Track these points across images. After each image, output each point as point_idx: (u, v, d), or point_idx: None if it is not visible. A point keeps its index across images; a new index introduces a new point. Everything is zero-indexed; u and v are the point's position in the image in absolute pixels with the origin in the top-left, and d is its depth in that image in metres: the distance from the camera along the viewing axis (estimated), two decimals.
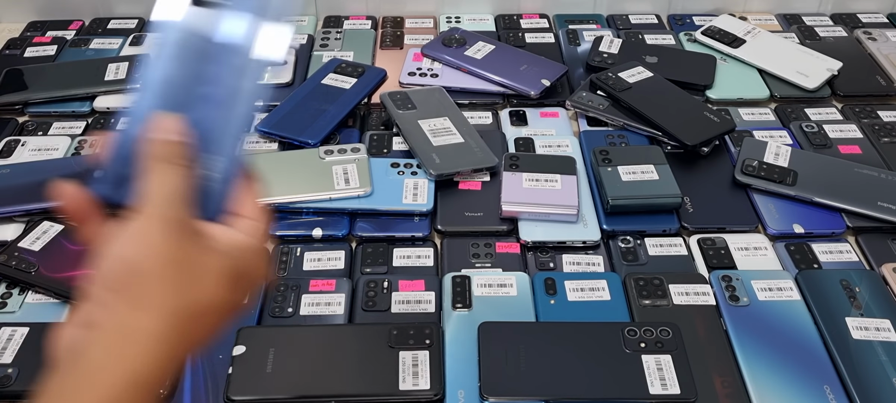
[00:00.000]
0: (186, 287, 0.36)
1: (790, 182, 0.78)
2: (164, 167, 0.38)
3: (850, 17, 1.13)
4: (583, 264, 0.72)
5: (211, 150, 0.41)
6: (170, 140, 0.39)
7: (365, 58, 1.03)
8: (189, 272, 0.37)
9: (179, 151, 0.39)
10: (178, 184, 0.38)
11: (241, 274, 0.39)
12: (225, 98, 0.41)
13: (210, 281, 0.37)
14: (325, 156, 0.80)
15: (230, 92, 0.41)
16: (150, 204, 0.37)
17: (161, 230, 0.36)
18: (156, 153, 0.38)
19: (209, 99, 0.41)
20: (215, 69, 0.41)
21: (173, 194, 0.38)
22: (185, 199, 0.38)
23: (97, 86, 0.95)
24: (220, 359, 0.62)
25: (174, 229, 0.37)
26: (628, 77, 0.92)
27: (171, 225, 0.37)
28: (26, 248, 0.71)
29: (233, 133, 0.41)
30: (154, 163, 0.38)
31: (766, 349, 0.63)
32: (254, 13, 0.42)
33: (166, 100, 0.41)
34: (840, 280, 0.69)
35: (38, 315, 0.67)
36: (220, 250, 0.38)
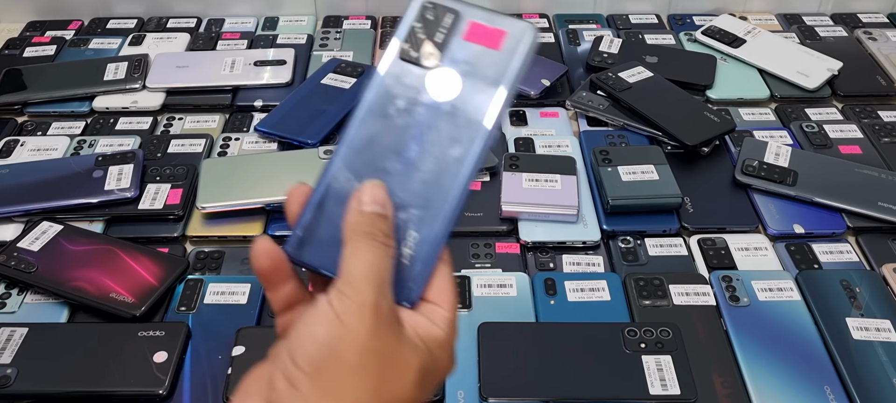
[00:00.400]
0: (382, 382, 0.34)
1: (790, 182, 0.78)
2: (369, 244, 0.35)
3: (851, 17, 1.13)
4: (583, 264, 0.72)
5: (413, 227, 0.37)
6: (376, 212, 0.36)
7: (364, 58, 1.03)
8: (387, 366, 0.34)
9: (385, 227, 0.36)
10: (383, 266, 0.35)
11: (432, 369, 0.36)
12: (433, 169, 0.37)
13: (406, 378, 0.35)
14: (324, 156, 0.80)
15: (439, 162, 0.37)
16: (353, 286, 0.34)
17: (363, 317, 0.33)
18: (361, 227, 0.35)
19: (416, 167, 0.37)
20: (425, 134, 0.37)
21: (378, 277, 0.34)
22: (388, 283, 0.35)
23: (96, 87, 0.95)
24: (219, 360, 0.62)
25: (377, 317, 0.34)
26: (628, 77, 0.92)
27: (373, 312, 0.34)
28: (25, 248, 0.71)
29: (439, 209, 0.37)
30: (359, 239, 0.35)
31: (766, 349, 0.63)
32: (473, 77, 0.38)
33: (369, 163, 0.38)
34: (840, 280, 0.69)
35: (38, 315, 0.67)
36: (417, 344, 0.36)
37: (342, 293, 0.34)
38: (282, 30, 1.10)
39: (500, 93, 0.37)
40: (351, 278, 0.34)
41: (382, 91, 0.38)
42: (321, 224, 0.38)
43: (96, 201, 0.76)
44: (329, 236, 0.37)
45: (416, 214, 0.37)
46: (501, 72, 0.37)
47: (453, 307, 0.37)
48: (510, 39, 0.38)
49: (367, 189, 0.36)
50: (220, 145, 0.87)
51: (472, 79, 0.37)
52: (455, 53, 0.38)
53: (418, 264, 0.37)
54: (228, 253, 0.74)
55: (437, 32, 0.38)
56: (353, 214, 0.36)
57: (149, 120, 0.92)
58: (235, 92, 0.95)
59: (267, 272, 0.37)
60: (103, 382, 0.60)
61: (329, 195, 0.38)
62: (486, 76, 0.37)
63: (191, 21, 1.13)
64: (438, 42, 0.38)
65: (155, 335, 0.63)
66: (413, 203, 0.37)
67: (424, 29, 0.38)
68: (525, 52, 0.38)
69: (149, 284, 0.68)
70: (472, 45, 0.38)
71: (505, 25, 0.38)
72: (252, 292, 0.68)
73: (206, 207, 0.75)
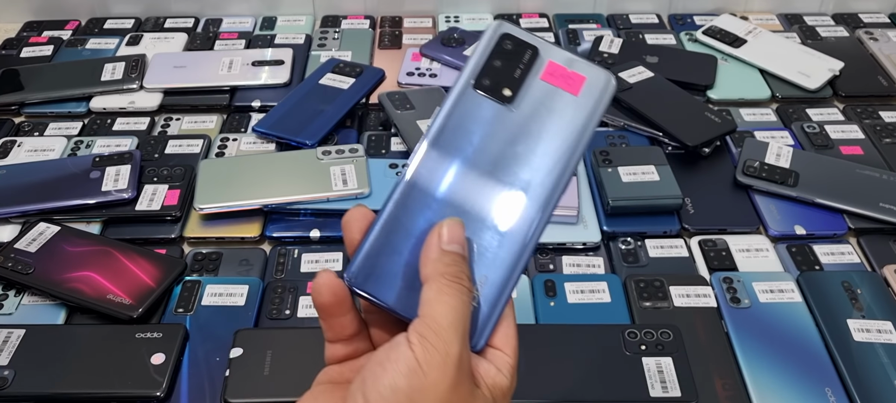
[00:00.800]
0: None
1: (791, 183, 0.78)
2: (456, 289, 0.33)
3: (852, 17, 1.12)
4: (583, 266, 0.72)
5: (484, 268, 0.36)
6: (457, 253, 0.34)
7: (363, 57, 1.03)
8: None
9: (467, 270, 0.34)
10: (466, 313, 0.34)
11: None
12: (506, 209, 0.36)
13: None
14: (322, 156, 0.79)
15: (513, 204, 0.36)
16: (440, 336, 0.32)
17: (447, 369, 0.32)
18: (446, 268, 0.34)
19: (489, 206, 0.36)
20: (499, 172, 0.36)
21: (463, 326, 0.33)
22: (468, 332, 0.34)
23: (94, 87, 0.94)
24: (217, 361, 0.62)
25: (458, 370, 0.32)
26: (629, 77, 0.91)
27: (457, 364, 0.32)
28: (22, 250, 0.70)
29: (510, 252, 0.36)
30: (444, 282, 0.33)
31: (767, 351, 0.63)
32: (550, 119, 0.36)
33: (441, 195, 0.36)
34: (841, 281, 0.68)
35: (35, 316, 0.67)
36: (485, 395, 0.35)
37: (427, 340, 0.32)
38: (280, 29, 1.10)
39: (578, 141, 0.36)
40: (436, 325, 0.32)
41: (454, 118, 0.37)
42: (388, 255, 0.36)
43: (93, 202, 0.76)
44: (395, 269, 0.35)
45: (487, 257, 0.36)
46: (579, 120, 0.37)
47: (516, 353, 0.36)
48: (589, 86, 0.37)
49: (447, 226, 0.35)
50: (217, 146, 0.86)
51: (549, 122, 0.37)
52: (532, 92, 0.37)
53: (487, 307, 0.36)
54: (226, 254, 0.73)
55: (514, 67, 0.37)
56: (434, 252, 0.34)
57: (146, 120, 0.91)
58: (233, 92, 0.95)
59: (329, 306, 0.36)
60: (101, 384, 0.60)
61: (397, 224, 0.36)
62: (564, 122, 0.37)
63: (188, 21, 1.12)
64: (516, 77, 0.37)
65: (152, 336, 0.63)
66: (485, 245, 0.36)
67: (501, 61, 0.37)
68: (605, 101, 0.37)
69: (146, 285, 0.67)
70: (550, 86, 0.37)
71: (585, 70, 0.37)
72: (250, 293, 0.68)
73: (204, 208, 0.75)
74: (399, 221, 0.36)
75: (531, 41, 0.38)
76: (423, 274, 0.34)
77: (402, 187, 0.36)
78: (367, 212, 0.37)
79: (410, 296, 0.34)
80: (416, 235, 0.36)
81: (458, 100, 0.37)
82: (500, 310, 0.36)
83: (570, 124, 0.37)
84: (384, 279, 0.35)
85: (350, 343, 0.37)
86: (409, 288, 0.35)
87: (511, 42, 0.38)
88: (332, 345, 0.37)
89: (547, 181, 0.36)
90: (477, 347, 0.35)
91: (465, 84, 0.37)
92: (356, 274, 0.35)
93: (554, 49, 0.38)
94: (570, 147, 0.36)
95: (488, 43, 0.38)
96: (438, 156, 0.36)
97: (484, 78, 0.37)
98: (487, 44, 0.38)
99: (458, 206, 0.36)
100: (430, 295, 0.33)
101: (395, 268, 0.35)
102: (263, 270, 0.72)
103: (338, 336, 0.37)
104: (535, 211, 0.36)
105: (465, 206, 0.36)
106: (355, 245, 0.36)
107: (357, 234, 0.36)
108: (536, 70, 0.37)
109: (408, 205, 0.36)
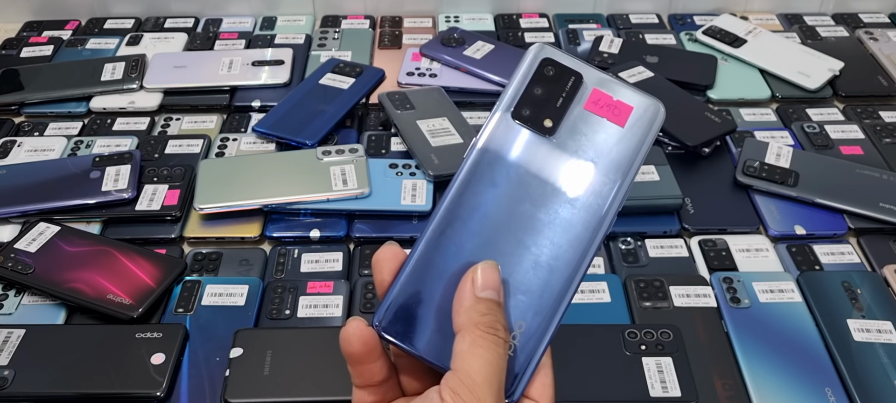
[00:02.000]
0: None
1: (791, 183, 0.78)
2: (491, 341, 0.32)
3: (852, 17, 1.12)
4: None
5: (521, 315, 0.33)
6: (492, 300, 0.32)
7: (363, 57, 1.03)
8: None
9: (502, 318, 0.33)
10: (501, 367, 0.32)
11: None
12: (545, 252, 0.34)
13: None
14: (322, 156, 0.79)
15: (553, 246, 0.33)
16: (473, 392, 0.31)
17: None
18: (481, 317, 0.32)
19: (527, 248, 0.34)
20: (538, 212, 0.34)
21: (498, 380, 0.31)
22: (502, 384, 0.32)
23: (94, 87, 0.94)
24: (217, 361, 0.62)
25: None
26: (629, 77, 0.91)
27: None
28: (22, 249, 0.70)
29: (550, 299, 0.33)
30: (478, 333, 0.32)
31: (767, 351, 0.63)
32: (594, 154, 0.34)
33: (476, 235, 0.34)
34: (841, 281, 0.68)
35: (35, 316, 0.67)
36: None
37: (460, 397, 0.30)
38: (280, 29, 1.10)
39: (625, 179, 0.34)
40: (470, 381, 0.31)
41: (490, 151, 0.34)
42: (419, 300, 0.34)
43: (93, 202, 0.76)
44: (427, 315, 0.33)
45: (525, 302, 0.33)
46: (626, 154, 0.34)
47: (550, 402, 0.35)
48: (637, 116, 0.34)
49: (482, 271, 0.33)
50: (217, 146, 0.86)
51: (593, 157, 0.34)
52: (575, 123, 0.34)
53: (524, 356, 0.33)
54: (226, 254, 0.73)
55: (556, 96, 0.35)
56: (468, 299, 0.32)
57: (146, 120, 0.91)
58: (233, 92, 0.95)
59: (359, 356, 0.34)
60: (101, 384, 0.60)
61: (429, 266, 0.34)
62: (609, 157, 0.34)
63: (188, 21, 1.12)
64: (557, 106, 0.35)
65: (152, 336, 0.63)
66: (523, 289, 0.33)
67: (542, 88, 0.35)
68: (653, 132, 0.34)
69: (146, 285, 0.67)
70: (595, 117, 0.35)
71: (631, 99, 0.35)
72: (250, 293, 0.68)
73: (204, 208, 0.75)
74: (431, 263, 0.34)
75: (575, 66, 0.35)
76: (456, 324, 0.32)
77: (434, 225, 0.34)
78: (398, 252, 0.35)
79: (443, 344, 0.33)
80: (450, 278, 0.33)
81: (495, 131, 0.35)
82: (538, 360, 0.34)
83: (616, 159, 0.34)
84: (415, 325, 0.33)
85: (379, 390, 0.35)
86: (442, 336, 0.33)
87: (553, 67, 0.35)
88: (360, 391, 0.36)
89: (590, 222, 0.34)
90: (513, 398, 0.33)
91: (502, 112, 0.35)
92: (386, 320, 0.34)
93: (599, 75, 0.35)
94: (615, 184, 0.34)
95: (529, 68, 0.35)
96: (473, 193, 0.34)
97: (523, 107, 0.35)
98: (528, 69, 0.35)
99: (494, 248, 0.34)
100: (464, 348, 0.31)
101: (426, 314, 0.33)
102: (263, 270, 0.72)
103: (366, 383, 0.35)
104: (577, 253, 0.34)
105: (501, 248, 0.34)
106: (386, 286, 0.35)
107: (387, 275, 0.35)
108: (580, 98, 0.35)
109: (441, 246, 0.34)
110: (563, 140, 0.34)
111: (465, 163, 0.35)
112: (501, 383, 0.32)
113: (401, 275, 0.34)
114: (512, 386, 0.33)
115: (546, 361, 0.35)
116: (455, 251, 0.34)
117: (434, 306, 0.33)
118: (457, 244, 0.34)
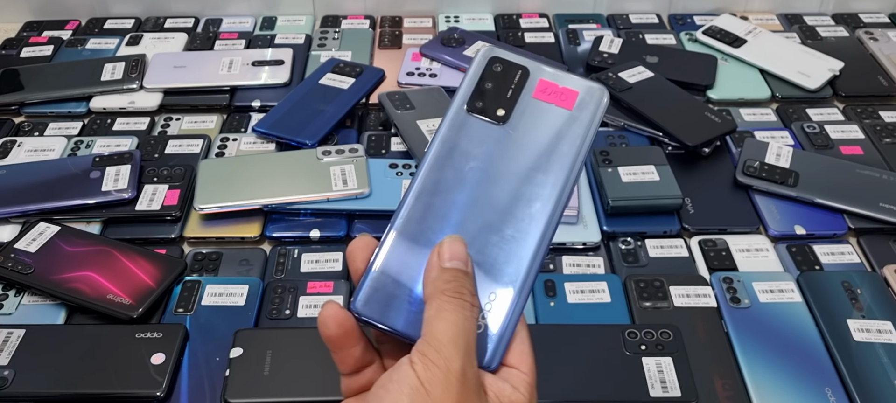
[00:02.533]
0: None
1: (791, 183, 0.78)
2: (456, 305, 0.33)
3: (852, 17, 1.12)
4: (583, 266, 0.72)
5: (491, 287, 0.36)
6: (458, 269, 0.34)
7: (363, 57, 1.03)
8: None
9: (470, 285, 0.34)
10: (469, 328, 0.33)
11: None
12: (509, 226, 0.36)
13: None
14: (322, 156, 0.79)
15: (516, 221, 0.36)
16: (440, 352, 0.32)
17: (450, 386, 0.32)
18: (446, 285, 0.33)
19: (490, 224, 0.36)
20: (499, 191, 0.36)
21: (465, 340, 0.33)
22: (474, 347, 0.33)
23: (94, 87, 0.94)
24: (217, 361, 0.62)
25: (463, 385, 0.32)
26: (629, 77, 0.91)
27: (460, 380, 0.32)
28: (22, 249, 0.70)
29: (517, 269, 0.36)
30: (444, 298, 0.33)
31: (767, 351, 0.63)
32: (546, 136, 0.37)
33: (441, 217, 0.36)
34: (841, 281, 0.68)
35: (35, 316, 0.67)
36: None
37: (427, 358, 0.32)
38: (280, 29, 1.10)
39: (577, 154, 0.37)
40: (436, 342, 0.32)
41: (449, 142, 0.37)
42: (390, 280, 0.35)
43: (93, 202, 0.76)
44: (400, 293, 0.35)
45: (494, 275, 0.36)
46: (576, 133, 0.37)
47: (533, 370, 0.36)
48: (583, 100, 0.38)
49: (447, 244, 0.35)
50: (217, 146, 0.86)
51: (545, 138, 0.37)
52: (526, 110, 0.38)
53: (498, 325, 0.35)
54: (226, 254, 0.73)
55: (505, 88, 0.38)
56: (434, 270, 0.34)
57: (146, 120, 0.91)
58: (233, 92, 0.95)
59: (336, 339, 0.35)
60: (101, 384, 0.60)
61: (398, 249, 0.36)
62: (561, 136, 0.37)
63: (188, 21, 1.12)
64: (508, 97, 0.38)
65: (152, 336, 0.63)
66: (490, 263, 0.36)
67: (492, 83, 0.38)
68: (600, 113, 0.38)
69: (146, 285, 0.67)
70: (543, 103, 0.38)
71: (576, 85, 0.38)
72: (250, 293, 0.68)
73: (204, 208, 0.75)
74: (401, 246, 0.36)
75: (520, 61, 0.39)
76: (424, 295, 0.34)
77: (402, 213, 0.36)
78: (370, 241, 0.37)
79: (418, 320, 0.34)
80: (420, 257, 0.35)
81: (452, 124, 0.38)
82: (512, 327, 0.35)
83: (568, 138, 0.37)
84: (390, 305, 0.35)
85: (364, 375, 0.36)
86: (413, 311, 0.35)
87: (500, 64, 0.39)
88: (347, 379, 0.37)
89: (548, 196, 0.36)
90: (491, 366, 0.35)
91: (457, 108, 0.38)
92: (361, 301, 0.35)
93: (543, 67, 0.38)
94: (569, 160, 0.37)
95: (477, 67, 0.39)
96: (437, 180, 0.37)
97: (476, 100, 0.38)
98: (476, 68, 0.39)
99: (461, 227, 0.36)
100: (431, 313, 0.33)
101: (400, 293, 0.35)
102: (263, 270, 0.72)
103: (351, 369, 0.36)
104: (539, 226, 0.36)
105: (467, 227, 0.36)
106: (360, 275, 0.36)
107: (361, 264, 0.36)
108: (528, 89, 0.38)
109: (409, 230, 0.36)
110: (516, 125, 0.37)
111: (427, 154, 0.37)
112: (469, 343, 0.33)
113: (373, 261, 0.36)
114: (491, 355, 0.35)
115: (522, 330, 0.36)
116: (423, 233, 0.36)
117: (407, 285, 0.35)
118: (425, 226, 0.36)
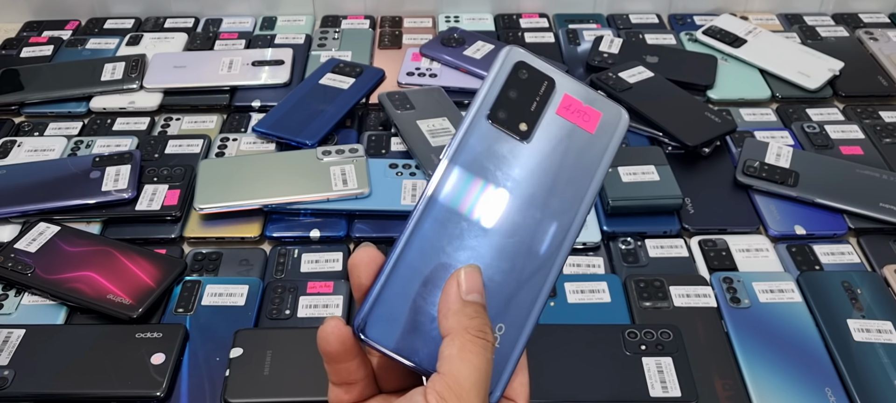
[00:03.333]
0: None
1: (791, 183, 0.78)
2: (479, 347, 0.31)
3: (852, 17, 1.12)
4: (583, 266, 0.72)
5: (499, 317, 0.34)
6: (478, 303, 0.32)
7: (363, 57, 1.03)
8: None
9: (489, 322, 0.32)
10: (488, 372, 0.32)
11: None
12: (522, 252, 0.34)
13: None
14: (322, 156, 0.79)
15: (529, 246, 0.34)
16: (456, 397, 0.30)
17: None
18: (468, 321, 0.32)
19: (503, 249, 0.34)
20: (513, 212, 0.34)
21: (484, 386, 0.31)
22: (488, 389, 0.32)
23: (94, 87, 0.94)
24: (217, 361, 0.62)
25: None
26: (629, 77, 0.91)
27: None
28: (22, 250, 0.70)
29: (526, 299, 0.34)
30: (467, 337, 0.31)
31: (767, 351, 0.63)
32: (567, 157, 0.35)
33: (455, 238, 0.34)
34: (841, 281, 0.68)
35: (35, 316, 0.67)
36: None
37: (446, 401, 0.30)
38: (280, 29, 1.10)
39: (593, 181, 0.35)
40: (458, 387, 0.30)
41: (467, 153, 0.34)
42: (401, 303, 0.33)
43: (93, 202, 0.76)
44: (411, 319, 0.33)
45: (503, 304, 0.34)
46: (596, 159, 0.35)
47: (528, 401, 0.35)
48: (605, 123, 0.36)
49: (466, 275, 0.33)
50: (217, 146, 0.86)
51: (565, 161, 0.35)
52: (548, 127, 0.35)
53: (504, 357, 0.33)
54: (226, 254, 0.73)
55: (530, 100, 0.35)
56: (455, 303, 0.32)
57: (146, 120, 0.91)
58: (233, 92, 0.95)
59: (335, 355, 0.34)
60: (101, 384, 0.60)
61: (409, 270, 0.34)
62: (581, 160, 0.35)
63: (188, 21, 1.12)
64: (531, 111, 0.35)
65: (152, 336, 0.63)
66: (501, 291, 0.34)
67: (516, 92, 0.35)
68: (618, 138, 0.36)
69: (146, 285, 0.67)
70: (566, 122, 0.35)
71: (600, 106, 0.36)
72: (250, 293, 0.68)
73: (204, 208, 0.75)
74: (410, 265, 0.34)
75: (547, 72, 0.36)
76: (444, 327, 0.32)
77: (412, 227, 0.34)
78: (375, 255, 0.35)
79: (423, 347, 0.33)
80: (429, 281, 0.33)
81: (472, 133, 0.35)
82: (516, 360, 0.34)
83: (587, 163, 0.35)
84: (396, 328, 0.33)
85: (355, 387, 0.36)
86: (423, 339, 0.33)
87: (526, 71, 0.36)
88: (336, 388, 0.36)
89: (562, 224, 0.34)
90: (494, 398, 0.34)
91: (478, 115, 0.35)
92: (369, 325, 0.33)
93: (570, 81, 0.36)
94: (585, 187, 0.35)
95: (502, 71, 0.35)
96: (451, 195, 0.34)
97: (499, 110, 0.35)
98: (501, 72, 0.35)
99: (473, 250, 0.34)
100: (454, 352, 0.31)
101: (407, 317, 0.33)
102: (263, 270, 0.72)
103: (343, 380, 0.35)
104: (552, 256, 0.34)
105: (479, 250, 0.34)
106: (364, 290, 0.34)
107: (365, 280, 0.34)
108: (553, 103, 0.35)
109: (420, 248, 0.34)
110: (538, 144, 0.35)
111: (440, 164, 0.35)
112: (487, 387, 0.32)
113: (379, 279, 0.34)
114: (494, 388, 0.33)
115: (522, 361, 0.35)
116: (434, 254, 0.34)
117: (414, 309, 0.33)
118: (435, 247, 0.34)
